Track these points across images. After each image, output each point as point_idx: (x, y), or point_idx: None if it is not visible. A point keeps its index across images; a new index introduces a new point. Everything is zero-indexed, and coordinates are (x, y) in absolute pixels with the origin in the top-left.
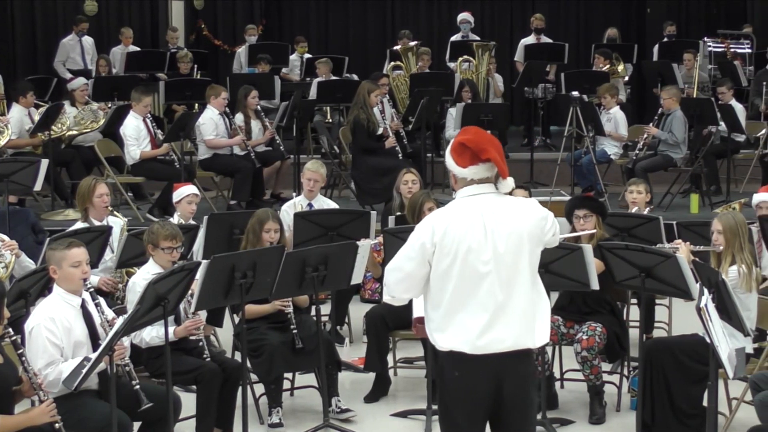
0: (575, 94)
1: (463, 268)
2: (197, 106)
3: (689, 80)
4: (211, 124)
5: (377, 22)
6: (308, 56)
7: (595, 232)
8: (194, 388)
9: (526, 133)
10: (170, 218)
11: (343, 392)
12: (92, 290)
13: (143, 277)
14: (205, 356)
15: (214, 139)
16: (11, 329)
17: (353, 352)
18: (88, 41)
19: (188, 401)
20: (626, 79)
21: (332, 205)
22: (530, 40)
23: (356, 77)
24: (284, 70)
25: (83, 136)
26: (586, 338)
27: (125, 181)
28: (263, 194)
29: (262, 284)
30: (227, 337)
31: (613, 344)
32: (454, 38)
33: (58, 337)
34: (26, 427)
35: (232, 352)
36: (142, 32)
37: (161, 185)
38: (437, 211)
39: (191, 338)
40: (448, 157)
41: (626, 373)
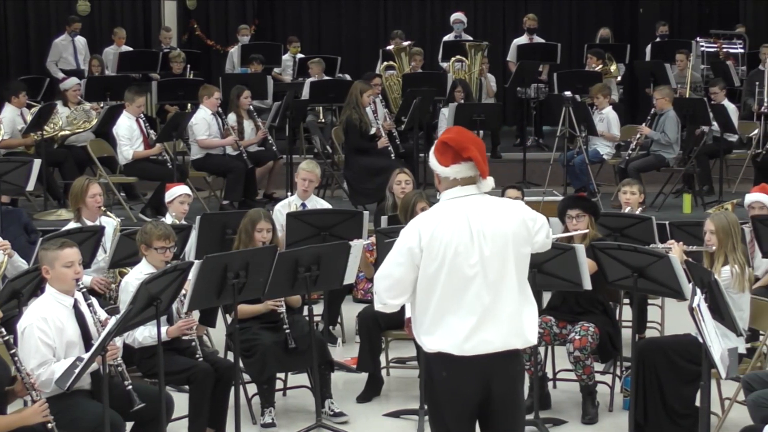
0: (568, 94)
1: (450, 271)
2: (190, 106)
3: (682, 80)
4: (203, 124)
5: (370, 22)
6: (301, 56)
7: (587, 232)
8: (187, 388)
9: (518, 133)
10: (163, 218)
11: (335, 392)
12: (85, 290)
13: (136, 277)
14: (197, 356)
15: (206, 139)
16: (4, 329)
17: (346, 352)
18: (80, 41)
19: (181, 401)
20: (619, 79)
21: (325, 205)
22: (523, 40)
23: (349, 77)
24: (277, 70)
25: (76, 136)
26: (578, 338)
27: (118, 181)
28: (256, 194)
29: (254, 284)
30: (220, 337)
31: (605, 344)
32: (446, 38)
33: (50, 337)
34: (19, 426)
35: (224, 352)
36: (134, 32)
37: (154, 185)
38: (422, 214)
39: (184, 338)
40: (431, 156)
41: (619, 373)
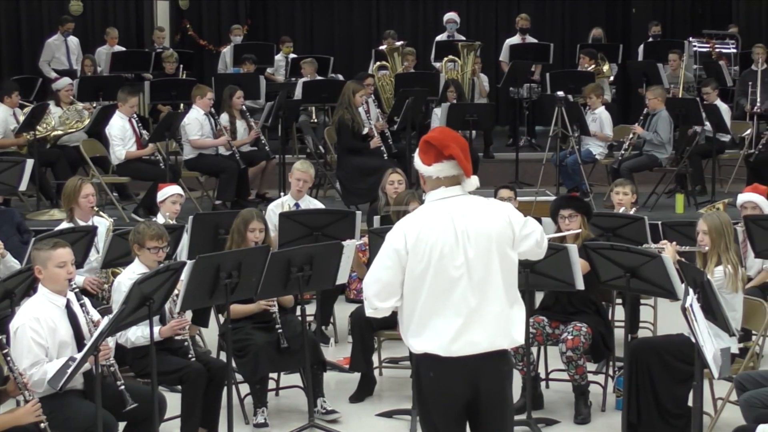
0: (560, 94)
1: (436, 273)
2: (182, 106)
3: (674, 80)
4: (196, 124)
5: (362, 22)
6: (293, 56)
7: (580, 232)
8: (179, 388)
9: (511, 133)
10: (155, 218)
11: (328, 392)
12: (77, 290)
13: (129, 276)
14: (190, 356)
15: (199, 139)
16: None
17: (338, 352)
18: (73, 41)
19: (173, 401)
20: (611, 79)
21: (318, 205)
22: (515, 40)
23: (341, 77)
24: (269, 70)
25: (68, 136)
26: (571, 338)
27: (110, 181)
28: (248, 194)
29: (247, 284)
30: (212, 337)
31: (598, 344)
32: (439, 38)
33: (42, 337)
34: (12, 426)
35: (217, 352)
36: (127, 32)
37: (146, 185)
38: (407, 216)
39: (176, 338)
40: (415, 156)
41: (611, 373)
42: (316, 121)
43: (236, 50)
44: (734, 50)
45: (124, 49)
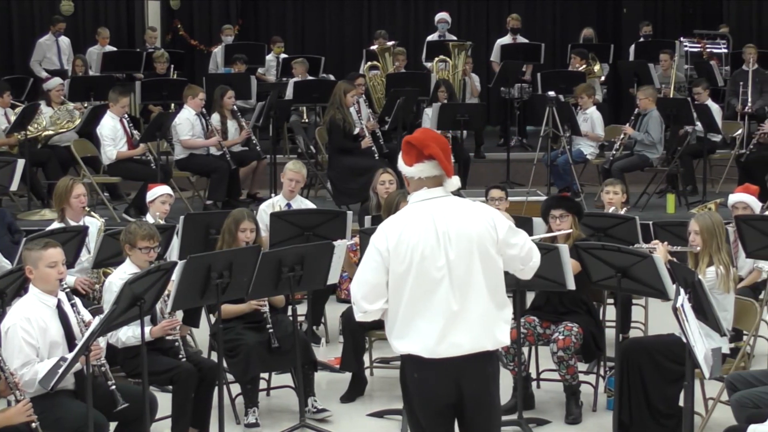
0: (551, 94)
1: (417, 274)
2: (173, 106)
3: (666, 80)
4: (187, 124)
5: (354, 22)
6: (284, 56)
7: (571, 232)
8: (170, 388)
9: (502, 133)
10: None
11: (319, 392)
12: (68, 290)
13: (120, 276)
14: (181, 356)
15: (190, 139)
16: None
17: (329, 352)
18: (64, 41)
19: (164, 401)
20: (602, 79)
21: (310, 205)
22: (506, 40)
23: (332, 77)
24: (260, 70)
25: (59, 136)
26: (562, 338)
27: (101, 181)
28: (239, 194)
29: (238, 284)
30: (203, 337)
31: (589, 344)
32: (430, 38)
33: (33, 337)
34: (3, 426)
35: (208, 352)
36: (118, 32)
37: (137, 185)
38: (390, 218)
39: (167, 338)
40: (399, 158)
41: (602, 373)
42: (307, 121)
43: (227, 50)
44: (725, 50)
45: (115, 49)
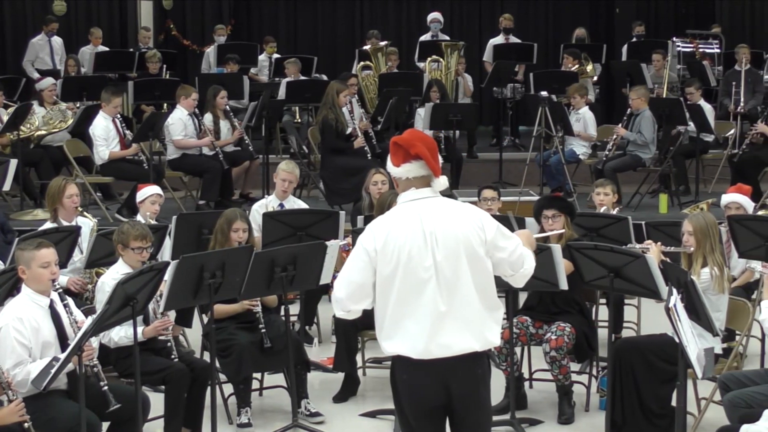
0: (544, 94)
1: (405, 274)
2: (166, 106)
3: (658, 80)
4: (179, 124)
5: (346, 22)
6: (277, 56)
7: (563, 232)
8: (163, 388)
9: (494, 133)
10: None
11: (312, 392)
12: (61, 291)
13: (112, 277)
14: (173, 356)
15: (182, 139)
16: None
17: (322, 352)
18: (57, 41)
19: (157, 401)
20: (595, 79)
21: (303, 205)
22: (499, 40)
23: (325, 77)
24: (253, 70)
25: (52, 136)
26: (554, 338)
27: (94, 181)
28: (232, 194)
29: (230, 284)
30: (196, 337)
31: (581, 344)
32: (423, 38)
33: (26, 337)
34: None
35: (200, 352)
36: (111, 32)
37: (130, 185)
38: (378, 218)
39: (160, 338)
40: (387, 160)
41: (595, 373)
42: (299, 121)
43: (220, 50)
44: (718, 50)
45: (107, 49)
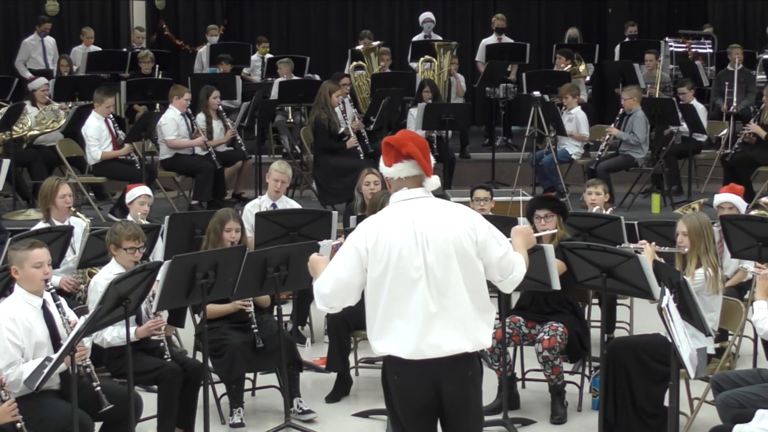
0: (537, 94)
1: (395, 274)
2: (159, 106)
3: (651, 80)
4: (172, 124)
5: (339, 22)
6: (269, 56)
7: (556, 232)
8: (155, 388)
9: (487, 133)
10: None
11: (304, 392)
12: (53, 291)
13: (105, 277)
14: (166, 356)
15: (175, 139)
16: None
17: (315, 352)
18: (49, 41)
19: (149, 401)
20: (588, 79)
21: (295, 205)
22: (491, 40)
23: (318, 77)
24: (245, 70)
25: (44, 136)
26: (547, 338)
27: (87, 181)
28: (225, 194)
29: (223, 284)
30: (188, 337)
31: (574, 344)
32: (416, 38)
33: (18, 337)
34: None
35: (193, 352)
36: (103, 32)
37: (123, 185)
38: (370, 217)
39: (152, 338)
40: (380, 160)
41: (588, 373)
42: (292, 121)
43: (212, 50)
44: (710, 50)
45: (100, 49)
